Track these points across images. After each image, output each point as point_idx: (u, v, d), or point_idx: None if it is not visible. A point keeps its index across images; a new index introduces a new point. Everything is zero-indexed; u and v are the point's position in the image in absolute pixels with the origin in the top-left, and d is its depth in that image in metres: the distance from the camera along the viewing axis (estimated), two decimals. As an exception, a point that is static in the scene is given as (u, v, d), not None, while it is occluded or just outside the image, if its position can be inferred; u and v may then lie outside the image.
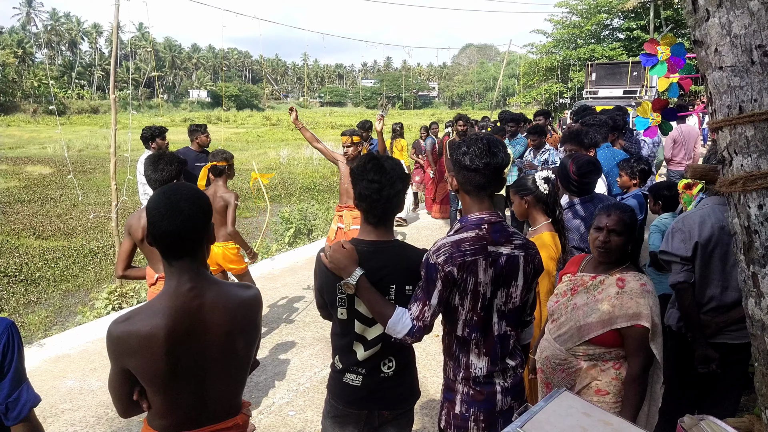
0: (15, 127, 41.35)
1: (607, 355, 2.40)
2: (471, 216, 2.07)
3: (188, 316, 1.69)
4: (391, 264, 2.09)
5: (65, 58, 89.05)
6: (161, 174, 3.49)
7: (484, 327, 2.06)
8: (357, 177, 2.12)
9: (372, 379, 2.18)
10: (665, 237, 3.03)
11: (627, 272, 2.45)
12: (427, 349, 4.82)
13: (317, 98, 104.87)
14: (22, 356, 1.87)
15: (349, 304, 2.10)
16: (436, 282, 1.96)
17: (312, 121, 46.60)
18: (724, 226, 2.77)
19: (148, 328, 1.63)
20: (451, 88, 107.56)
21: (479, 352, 2.07)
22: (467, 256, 1.96)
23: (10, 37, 76.98)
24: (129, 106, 15.81)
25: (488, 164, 2.00)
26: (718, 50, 1.71)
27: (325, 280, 2.12)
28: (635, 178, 4.59)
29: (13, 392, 1.81)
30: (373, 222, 2.14)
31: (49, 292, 7.36)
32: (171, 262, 1.71)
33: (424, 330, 2.00)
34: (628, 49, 27.86)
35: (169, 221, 1.64)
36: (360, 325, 2.12)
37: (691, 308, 2.89)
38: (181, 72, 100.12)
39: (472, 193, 2.08)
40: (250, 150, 25.61)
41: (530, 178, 3.07)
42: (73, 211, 12.24)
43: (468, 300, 2.01)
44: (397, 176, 2.10)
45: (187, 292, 1.70)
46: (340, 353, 2.21)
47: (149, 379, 1.68)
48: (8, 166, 19.45)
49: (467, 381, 2.08)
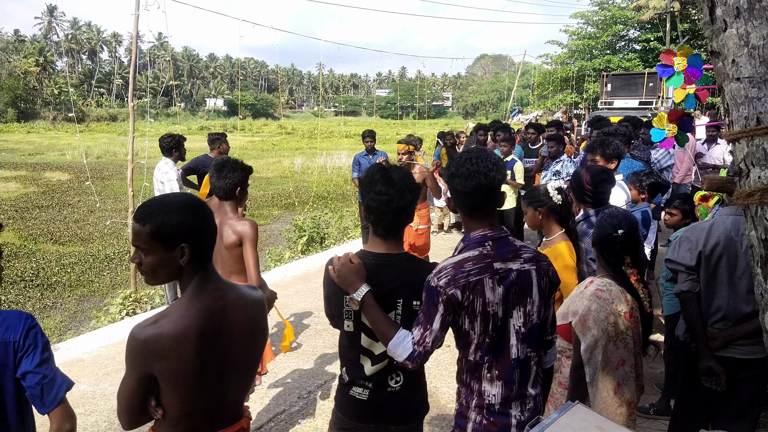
0: (35, 133, 42.10)
1: (568, 351, 2.56)
2: (473, 234, 1.99)
3: (215, 317, 1.70)
4: (400, 278, 2.05)
5: (85, 67, 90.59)
6: (224, 182, 3.28)
7: (498, 350, 1.95)
8: (365, 188, 2.07)
9: (379, 393, 2.13)
10: (672, 246, 3.01)
11: (602, 278, 2.55)
12: (439, 359, 4.79)
13: (332, 107, 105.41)
14: (48, 343, 1.91)
15: (356, 317, 2.06)
16: (437, 306, 1.88)
17: (327, 130, 46.86)
18: (732, 236, 2.73)
19: (179, 329, 1.62)
20: (465, 98, 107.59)
21: (492, 377, 1.96)
22: (471, 276, 1.88)
23: (31, 46, 78.49)
24: (147, 114, 15.99)
25: (479, 185, 1.92)
26: (735, 61, 1.69)
27: (332, 291, 2.08)
28: (644, 193, 4.53)
29: (47, 374, 1.84)
30: (381, 234, 2.09)
31: (65, 297, 7.45)
32: (204, 264, 1.73)
33: (424, 355, 1.92)
34: (644, 60, 27.69)
35: (210, 221, 1.73)
36: (366, 338, 2.08)
37: (695, 318, 2.86)
38: (199, 81, 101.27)
39: (470, 215, 2.02)
40: (264, 158, 25.79)
41: (542, 189, 3.05)
42: (90, 217, 12.40)
43: (478, 322, 1.91)
44: (406, 187, 2.04)
45: (212, 292, 1.72)
46: (348, 365, 2.17)
47: (176, 382, 1.66)
48: (28, 172, 19.77)
49: (481, 409, 1.98)
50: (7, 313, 1.88)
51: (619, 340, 2.45)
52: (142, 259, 1.65)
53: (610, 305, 2.43)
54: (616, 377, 2.46)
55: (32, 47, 77.63)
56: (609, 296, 2.45)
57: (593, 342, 2.41)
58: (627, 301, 2.49)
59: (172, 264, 1.65)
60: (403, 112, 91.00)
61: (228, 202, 3.31)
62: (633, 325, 2.50)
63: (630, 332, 2.49)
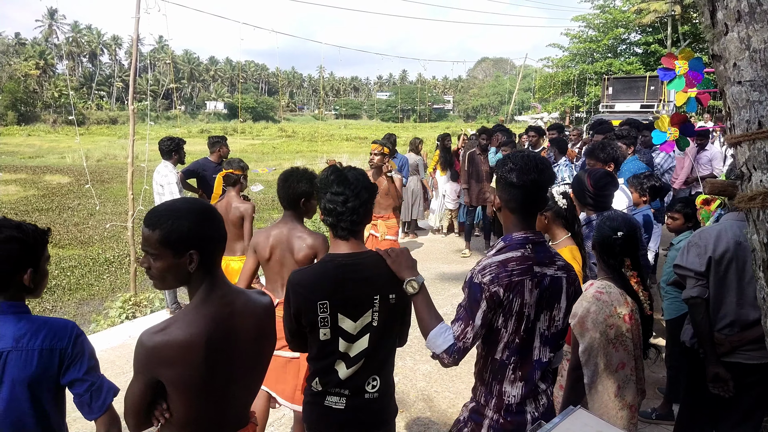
0: (35, 136, 42.09)
1: (568, 353, 2.57)
2: (515, 235, 2.01)
3: (222, 323, 1.70)
4: (374, 275, 2.06)
5: (85, 70, 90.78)
6: (287, 191, 3.09)
7: (524, 351, 1.99)
8: (321, 190, 2.08)
9: (356, 400, 2.10)
10: (681, 251, 2.99)
11: (601, 280, 2.56)
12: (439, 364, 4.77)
13: (332, 110, 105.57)
14: (94, 351, 1.95)
15: (333, 323, 2.02)
16: (480, 302, 1.90)
17: (327, 133, 46.89)
18: (741, 241, 2.73)
19: (188, 336, 1.62)
20: (466, 101, 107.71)
21: (515, 377, 1.99)
22: (514, 276, 1.91)
23: (32, 49, 78.60)
24: (147, 118, 16.02)
25: (535, 181, 1.94)
26: (736, 65, 1.68)
27: (303, 302, 2.02)
28: (645, 195, 4.54)
29: (94, 381, 1.89)
30: (342, 235, 2.08)
31: (65, 301, 7.43)
32: (212, 270, 1.72)
33: (463, 351, 1.92)
34: (645, 64, 27.71)
35: (219, 228, 1.73)
36: (344, 342, 2.05)
37: (704, 324, 2.84)
38: (199, 84, 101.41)
39: (517, 212, 2.01)
40: (265, 161, 25.79)
41: (548, 194, 3.06)
42: (90, 221, 12.38)
43: (512, 322, 1.94)
44: (362, 186, 2.06)
45: (219, 299, 1.71)
46: (320, 374, 2.10)
47: (184, 388, 1.66)
48: (27, 175, 19.77)
49: (499, 409, 2.00)
50: (53, 321, 1.92)
51: (618, 342, 2.45)
52: (152, 264, 1.65)
53: (609, 307, 2.44)
54: (617, 380, 2.46)
55: (33, 50, 77.77)
56: (608, 298, 2.46)
57: (591, 344, 2.42)
58: (627, 303, 2.49)
59: (180, 270, 1.65)
60: (403, 115, 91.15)
61: (291, 212, 3.14)
62: (633, 327, 2.50)
63: (630, 335, 2.49)
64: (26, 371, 1.81)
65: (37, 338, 1.84)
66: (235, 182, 4.68)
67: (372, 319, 2.07)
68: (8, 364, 1.80)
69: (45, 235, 2.02)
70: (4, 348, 1.81)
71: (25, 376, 1.82)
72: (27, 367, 1.81)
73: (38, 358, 1.83)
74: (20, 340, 1.82)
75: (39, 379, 1.84)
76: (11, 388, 1.81)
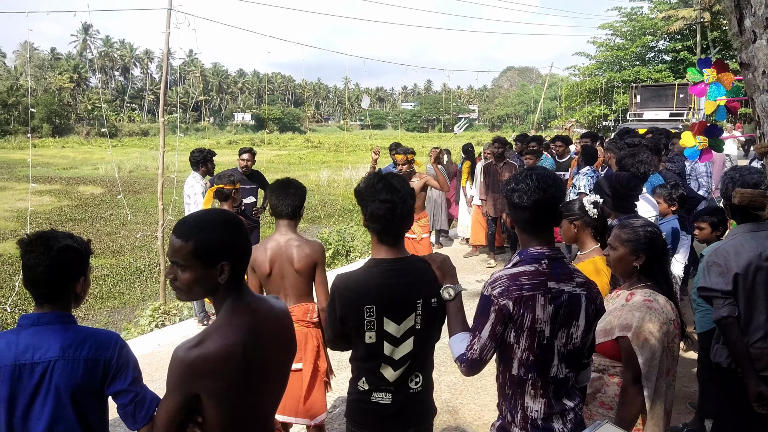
0: (69, 148, 43.19)
1: (612, 369, 2.43)
2: (531, 249, 2.00)
3: (254, 331, 1.71)
4: (417, 279, 2.11)
5: (118, 83, 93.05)
6: (292, 200, 3.12)
7: (542, 367, 1.96)
8: (367, 198, 2.10)
9: (402, 394, 2.16)
10: (702, 273, 2.92)
11: (642, 289, 2.45)
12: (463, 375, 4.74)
13: (358, 121, 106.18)
14: (137, 361, 1.99)
15: (378, 326, 2.07)
16: (488, 315, 1.91)
17: (352, 144, 47.11)
18: (762, 252, 2.67)
19: (225, 348, 1.62)
20: (491, 111, 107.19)
21: (536, 393, 1.96)
22: (525, 291, 1.90)
23: (66, 63, 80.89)
24: (177, 129, 16.24)
25: (538, 202, 1.93)
26: (766, 72, 1.66)
27: (349, 306, 2.09)
28: (673, 205, 4.47)
29: (138, 391, 1.92)
30: (388, 241, 2.13)
31: (96, 309, 7.59)
32: (240, 281, 1.74)
33: (472, 362, 1.94)
34: (674, 71, 27.27)
35: (246, 239, 1.74)
36: (389, 346, 2.10)
37: (739, 343, 2.75)
38: (227, 96, 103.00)
39: (527, 230, 2.02)
40: (291, 172, 26.01)
41: (577, 203, 3.04)
42: (122, 230, 12.65)
43: (524, 338, 1.92)
44: (407, 193, 2.12)
45: (246, 306, 1.73)
46: (367, 375, 2.17)
47: (220, 399, 1.65)
48: (62, 185, 20.30)
49: (525, 423, 1.98)
50: (98, 332, 1.97)
51: (669, 349, 2.40)
52: (178, 275, 1.65)
53: (662, 315, 2.36)
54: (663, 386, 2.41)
55: (67, 64, 80.00)
56: (658, 306, 2.38)
57: (653, 354, 2.33)
58: (672, 309, 2.44)
59: (208, 281, 1.65)
60: (428, 124, 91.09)
61: (288, 222, 3.15)
62: (679, 333, 2.47)
63: (677, 340, 2.45)
64: (72, 380, 1.86)
65: (82, 348, 1.89)
66: (227, 197, 4.53)
67: (415, 323, 2.11)
68: (55, 372, 1.85)
69: (90, 245, 2.08)
70: (52, 357, 1.85)
71: (70, 385, 1.86)
72: (73, 377, 1.86)
73: (83, 368, 1.87)
74: (67, 349, 1.87)
75: (83, 389, 1.88)
76: (57, 397, 1.86)
